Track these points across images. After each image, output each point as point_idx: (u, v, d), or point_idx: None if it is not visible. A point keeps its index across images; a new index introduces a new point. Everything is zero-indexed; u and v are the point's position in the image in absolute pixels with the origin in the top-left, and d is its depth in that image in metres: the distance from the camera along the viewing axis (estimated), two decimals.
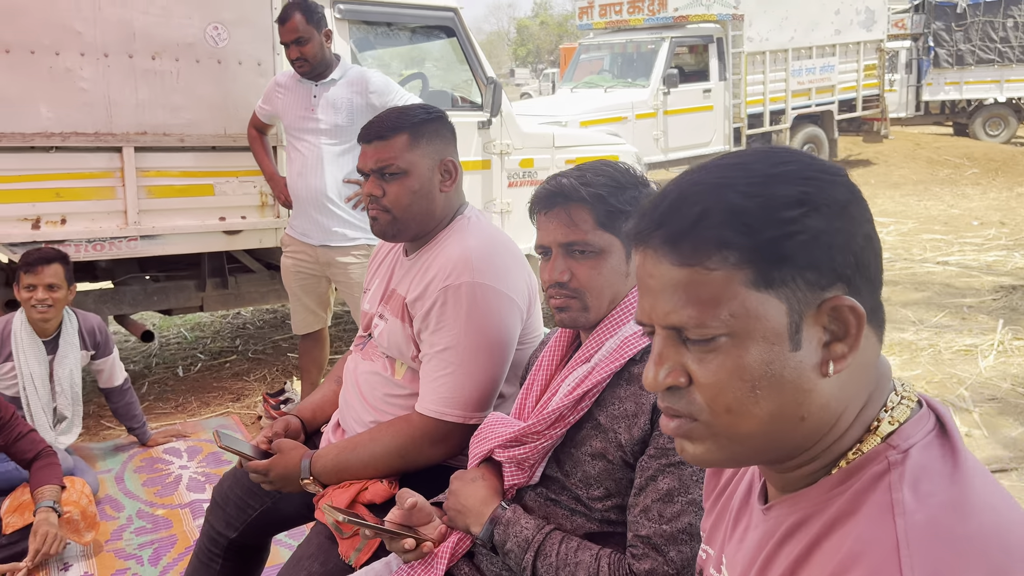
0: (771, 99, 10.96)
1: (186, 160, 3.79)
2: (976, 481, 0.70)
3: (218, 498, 2.06)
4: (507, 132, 4.77)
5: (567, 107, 9.57)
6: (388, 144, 1.72)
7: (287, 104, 3.43)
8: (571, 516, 1.36)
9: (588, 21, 11.13)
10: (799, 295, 0.72)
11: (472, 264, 1.67)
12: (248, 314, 5.79)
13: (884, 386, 0.78)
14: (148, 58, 3.60)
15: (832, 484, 0.75)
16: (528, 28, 63.99)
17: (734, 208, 0.72)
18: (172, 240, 3.83)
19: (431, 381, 1.68)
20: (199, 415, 4.07)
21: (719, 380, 0.73)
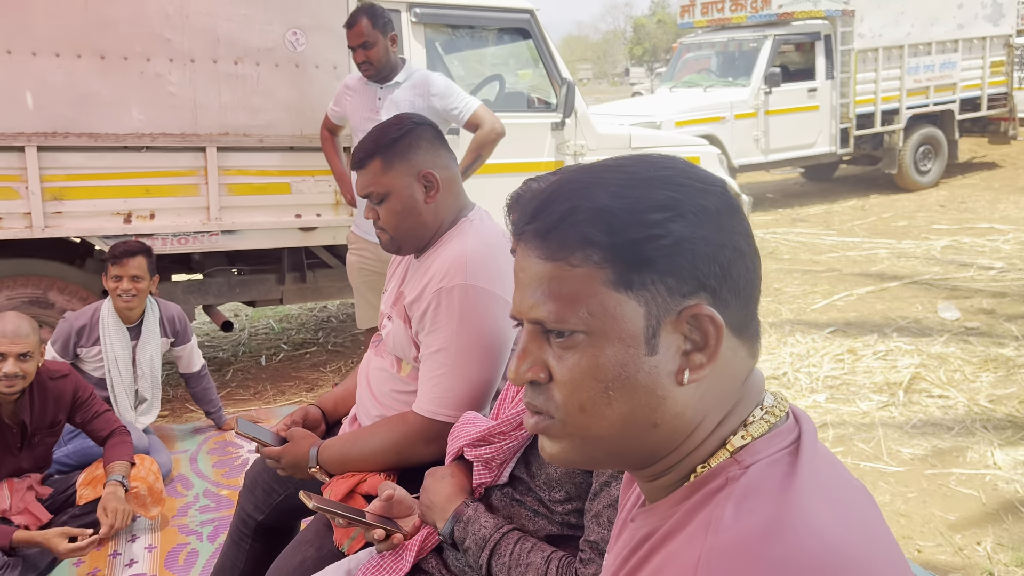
0: (883, 98, 10.44)
1: (265, 159, 3.98)
2: (810, 502, 0.68)
3: (248, 482, 2.18)
4: (581, 133, 4.77)
5: (663, 107, 9.44)
6: (366, 172, 1.79)
7: (354, 106, 3.56)
8: (534, 517, 1.38)
9: (690, 20, 10.93)
10: (658, 300, 0.71)
11: (466, 266, 1.70)
12: (333, 308, 6.01)
13: (750, 400, 0.77)
14: (231, 63, 3.81)
15: (678, 498, 0.74)
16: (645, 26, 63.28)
17: (601, 207, 0.72)
18: (251, 235, 4.03)
19: (426, 381, 1.73)
20: (274, 403, 4.27)
21: (574, 378, 0.73)
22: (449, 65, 4.78)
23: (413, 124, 1.82)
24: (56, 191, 3.61)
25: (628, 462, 0.77)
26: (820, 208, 10.14)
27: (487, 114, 3.54)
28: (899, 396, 4.09)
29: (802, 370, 4.49)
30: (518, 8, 4.55)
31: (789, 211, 10.07)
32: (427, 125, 1.85)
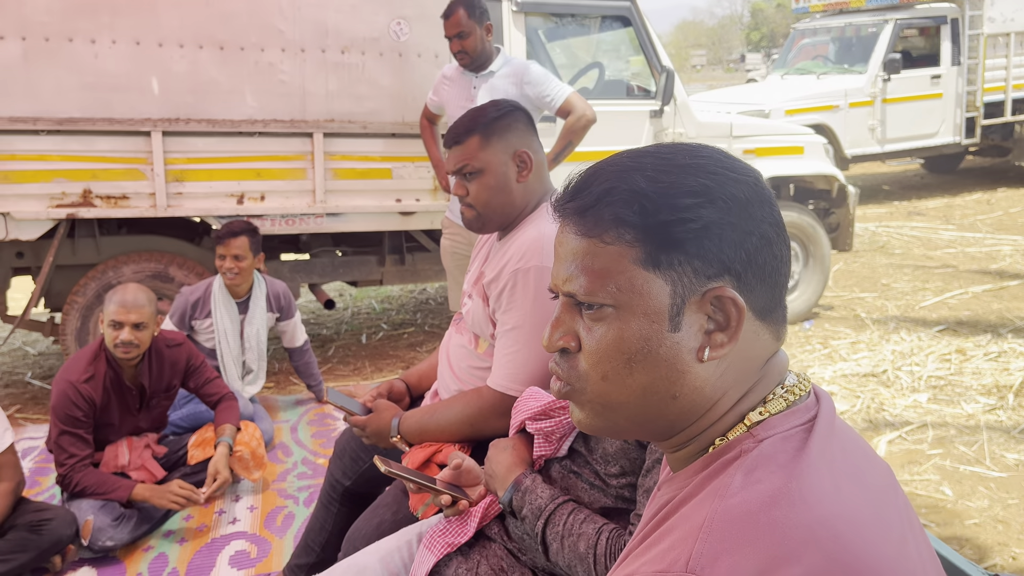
0: (1015, 86, 9.82)
1: (368, 145, 4.14)
2: (814, 475, 0.70)
3: (338, 449, 2.31)
4: (680, 121, 4.73)
5: (774, 95, 9.18)
6: (463, 147, 1.87)
7: (451, 95, 3.66)
8: (589, 490, 1.43)
9: (805, 4, 10.56)
10: (684, 280, 0.76)
11: (544, 249, 1.76)
12: (432, 290, 6.18)
13: (771, 380, 0.80)
14: (338, 52, 3.98)
15: (696, 469, 0.78)
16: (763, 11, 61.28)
17: (636, 190, 0.77)
18: (353, 218, 4.21)
19: (500, 358, 1.80)
20: (371, 379, 4.46)
21: (600, 348, 0.78)
22: (551, 53, 4.83)
23: (510, 107, 1.91)
24: (177, 173, 3.87)
25: (649, 431, 0.81)
26: (940, 201, 9.65)
27: (579, 101, 3.57)
28: (1009, 400, 3.89)
29: (903, 368, 4.33)
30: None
31: (906, 204, 9.62)
32: (522, 110, 1.93)
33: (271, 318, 3.83)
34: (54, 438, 2.82)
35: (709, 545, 0.66)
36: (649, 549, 0.73)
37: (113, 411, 2.99)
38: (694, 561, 0.66)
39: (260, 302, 3.75)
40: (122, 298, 2.88)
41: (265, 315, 3.77)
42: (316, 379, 4.04)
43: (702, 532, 0.67)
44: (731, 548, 0.65)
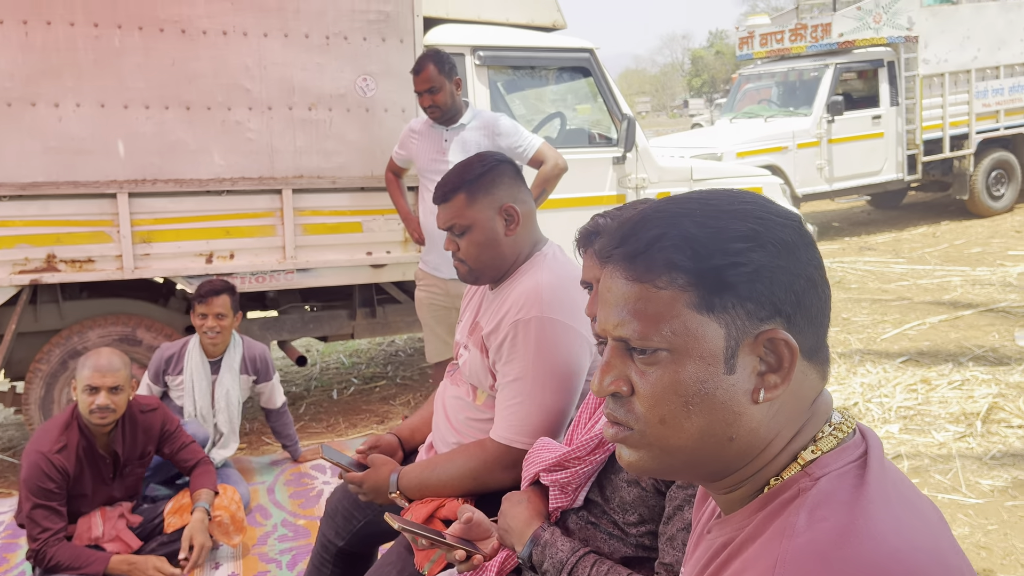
0: (952, 123, 10.24)
1: (337, 200, 4.14)
2: (876, 511, 0.72)
3: (329, 509, 2.27)
4: (643, 166, 4.83)
5: (724, 138, 9.43)
6: (449, 205, 1.90)
7: (421, 148, 3.69)
8: (609, 540, 1.42)
9: (749, 51, 10.93)
10: (738, 323, 0.78)
11: (542, 298, 1.78)
12: (401, 342, 6.15)
13: (819, 419, 0.81)
14: (305, 109, 4.00)
15: (753, 509, 0.79)
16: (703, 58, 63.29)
17: (687, 235, 0.79)
18: (324, 273, 4.19)
19: (503, 409, 1.79)
20: (346, 435, 4.39)
21: (656, 392, 0.79)
22: (511, 104, 4.92)
23: (496, 161, 1.93)
24: (145, 234, 3.82)
25: (703, 473, 0.82)
26: (888, 236, 9.95)
27: (550, 151, 3.64)
28: (977, 426, 3.99)
29: (874, 400, 4.42)
30: (578, 48, 4.67)
31: (856, 239, 9.90)
32: (508, 163, 1.96)
33: (247, 380, 3.76)
34: (26, 512, 2.72)
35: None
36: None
37: (86, 481, 2.89)
38: None
39: (234, 363, 3.69)
40: (96, 362, 2.81)
41: (239, 377, 3.70)
42: (292, 439, 3.97)
43: (776, 572, 0.68)
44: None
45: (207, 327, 3.53)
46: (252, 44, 3.87)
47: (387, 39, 4.08)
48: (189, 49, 3.77)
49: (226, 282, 3.64)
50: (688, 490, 1.30)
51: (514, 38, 4.57)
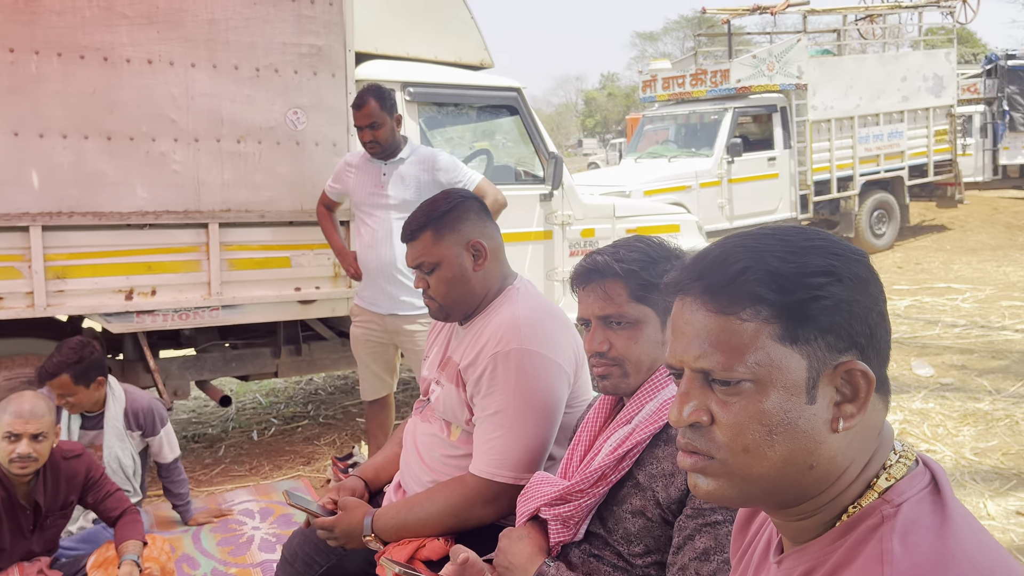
0: (838, 166, 10.92)
1: (265, 234, 4.04)
2: (962, 534, 0.76)
3: (287, 555, 2.18)
4: (568, 203, 4.93)
5: (631, 177, 9.73)
6: (417, 244, 1.91)
7: (358, 182, 3.65)
8: (613, 572, 1.43)
9: (652, 94, 11.36)
10: (819, 354, 0.81)
11: (520, 331, 1.79)
12: (320, 380, 6.00)
13: (886, 448, 0.86)
14: (234, 141, 3.90)
15: (835, 536, 0.82)
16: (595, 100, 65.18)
17: (771, 269, 0.82)
18: (251, 309, 4.06)
19: (483, 444, 1.78)
20: (271, 478, 4.23)
21: (740, 422, 0.81)
22: (438, 140, 4.93)
23: (461, 198, 1.94)
24: (59, 270, 3.61)
25: (779, 501, 0.85)
26: None
27: (489, 186, 3.67)
28: None
29: None
30: (506, 86, 4.74)
31: None
32: (473, 199, 1.97)
33: (133, 435, 3.42)
34: None
35: None
36: None
37: (4, 534, 2.68)
38: None
39: (116, 421, 3.36)
40: (18, 407, 2.62)
41: (123, 433, 3.37)
42: (183, 498, 3.62)
43: None
44: None
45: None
46: (179, 74, 3.76)
47: (318, 73, 4.04)
48: (111, 77, 3.62)
49: (64, 358, 3.17)
50: (698, 520, 1.33)
51: (444, 75, 4.61)
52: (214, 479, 4.24)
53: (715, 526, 1.31)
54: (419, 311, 3.60)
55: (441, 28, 4.74)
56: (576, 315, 1.57)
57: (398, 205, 3.60)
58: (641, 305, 1.48)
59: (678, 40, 51.53)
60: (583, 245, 4.99)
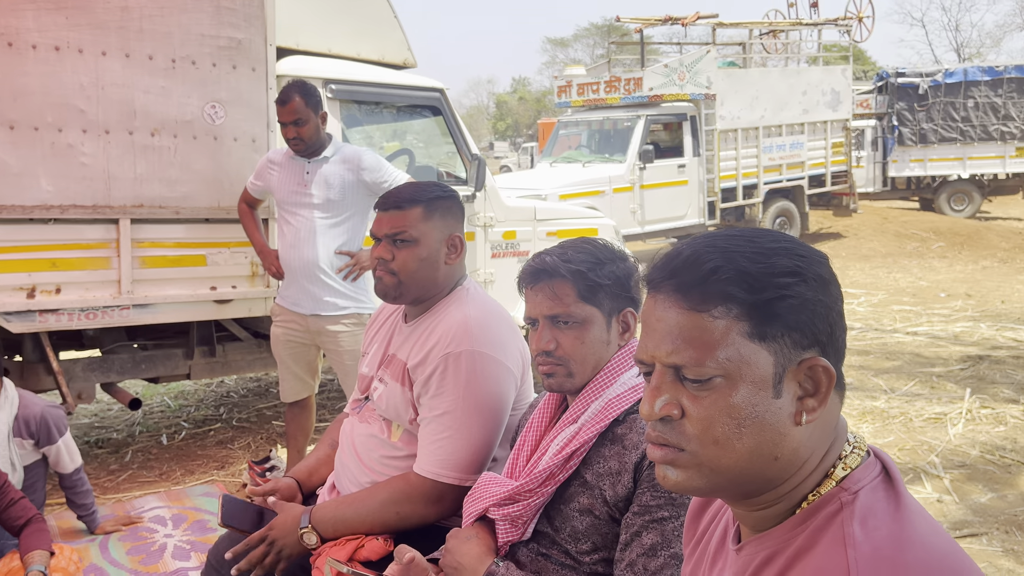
0: (744, 174, 11.34)
1: (180, 231, 3.90)
2: (915, 519, 0.82)
3: (213, 561, 2.11)
4: (491, 205, 4.95)
5: (547, 181, 9.84)
6: (403, 214, 1.88)
7: (280, 180, 3.58)
8: (561, 570, 1.45)
9: (566, 99, 11.53)
10: (785, 351, 0.85)
11: (472, 333, 1.79)
12: (232, 382, 5.83)
13: (841, 439, 0.91)
14: (148, 134, 3.75)
15: (795, 523, 0.86)
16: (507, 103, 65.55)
17: (741, 269, 0.85)
18: (164, 309, 3.91)
19: (429, 444, 1.78)
20: (183, 483, 4.09)
21: (710, 415, 0.85)
22: (358, 140, 4.87)
23: (453, 193, 1.97)
24: None
25: (744, 491, 0.88)
26: None
27: None
28: None
29: None
30: (429, 87, 4.72)
31: None
32: (459, 201, 1.98)
33: (23, 443, 3.17)
34: None
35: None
36: None
37: None
38: None
39: (1, 426, 3.08)
40: None
41: (10, 442, 3.11)
42: (87, 509, 3.41)
43: None
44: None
45: None
46: (88, 62, 3.59)
47: (238, 66, 3.93)
48: (15, 64, 3.43)
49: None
50: (645, 516, 1.36)
51: (367, 73, 4.56)
52: (121, 486, 4.07)
53: (662, 522, 1.35)
54: (342, 311, 3.55)
55: (364, 26, 4.68)
56: (523, 314, 1.59)
57: (322, 204, 3.54)
58: (588, 305, 1.51)
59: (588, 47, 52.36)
60: (504, 247, 5.02)
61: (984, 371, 5.98)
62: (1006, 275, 10.57)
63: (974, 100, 15.43)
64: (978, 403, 5.18)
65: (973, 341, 6.98)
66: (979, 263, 11.87)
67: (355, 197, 3.55)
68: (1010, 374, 5.88)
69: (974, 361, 6.27)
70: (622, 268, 1.56)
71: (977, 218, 15.73)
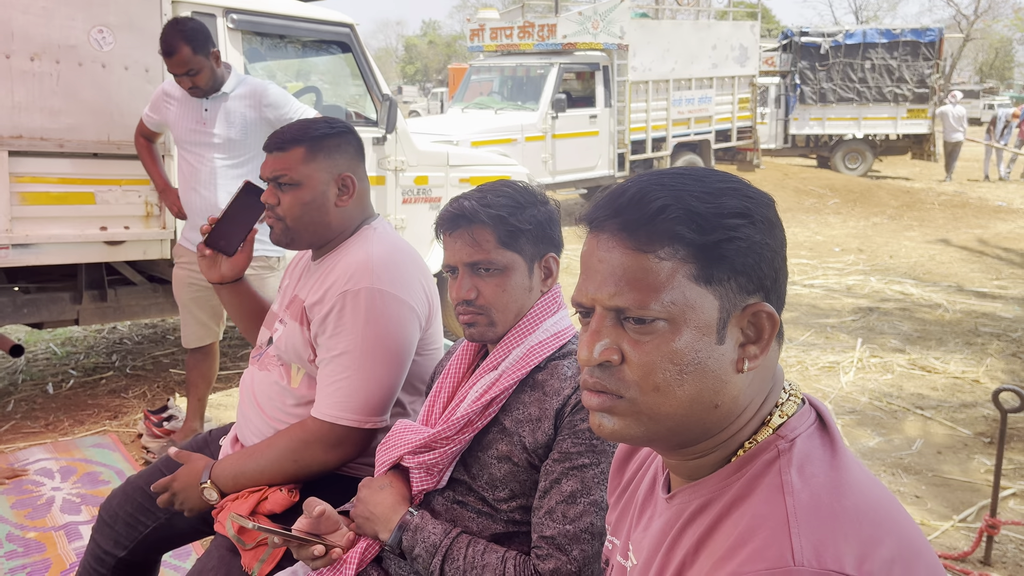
0: (653, 127, 11.43)
1: (65, 166, 3.62)
2: (850, 466, 0.81)
3: (106, 516, 2.00)
4: (402, 149, 4.80)
5: (458, 127, 9.67)
6: (285, 156, 1.77)
7: (178, 116, 3.35)
8: (477, 518, 1.42)
9: (479, 43, 11.30)
10: (730, 295, 0.81)
11: (373, 270, 1.71)
12: (125, 329, 5.54)
13: (778, 387, 0.88)
14: (26, 59, 3.44)
15: (730, 471, 0.84)
16: (416, 47, 64.06)
17: (690, 209, 0.81)
18: (48, 250, 3.65)
19: (327, 386, 1.69)
20: (72, 434, 3.88)
21: (652, 360, 0.80)
22: (261, 75, 4.62)
23: (345, 129, 1.84)
24: None
25: (681, 439, 0.85)
26: None
27: None
28: None
29: None
30: (338, 22, 4.50)
31: (574, 228, 10.69)
32: (354, 134, 1.87)
33: None
34: None
35: (805, 538, 0.72)
36: (735, 551, 0.76)
37: None
38: (799, 554, 0.71)
39: None
40: None
41: None
42: None
43: (792, 527, 0.73)
44: (826, 538, 0.72)
45: None
46: None
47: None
48: None
49: None
50: (565, 464, 1.34)
51: (271, 3, 4.30)
52: (3, 437, 3.83)
53: (581, 469, 1.33)
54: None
55: None
56: (441, 261, 1.52)
57: (222, 144, 3.34)
58: (509, 251, 1.45)
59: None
60: (416, 192, 4.90)
61: (873, 322, 6.28)
62: (894, 231, 11.09)
63: (871, 62, 15.97)
64: (868, 352, 5.44)
65: (864, 294, 7.31)
66: (870, 219, 12.41)
67: (257, 136, 3.35)
68: (897, 325, 6.19)
69: (864, 313, 6.57)
70: (543, 212, 1.50)
71: (869, 177, 16.42)
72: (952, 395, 4.69)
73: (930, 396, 4.67)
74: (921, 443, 4.01)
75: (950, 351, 5.51)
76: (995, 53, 50.50)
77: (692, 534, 0.83)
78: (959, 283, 7.71)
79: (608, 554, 1.04)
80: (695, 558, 0.81)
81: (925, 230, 11.15)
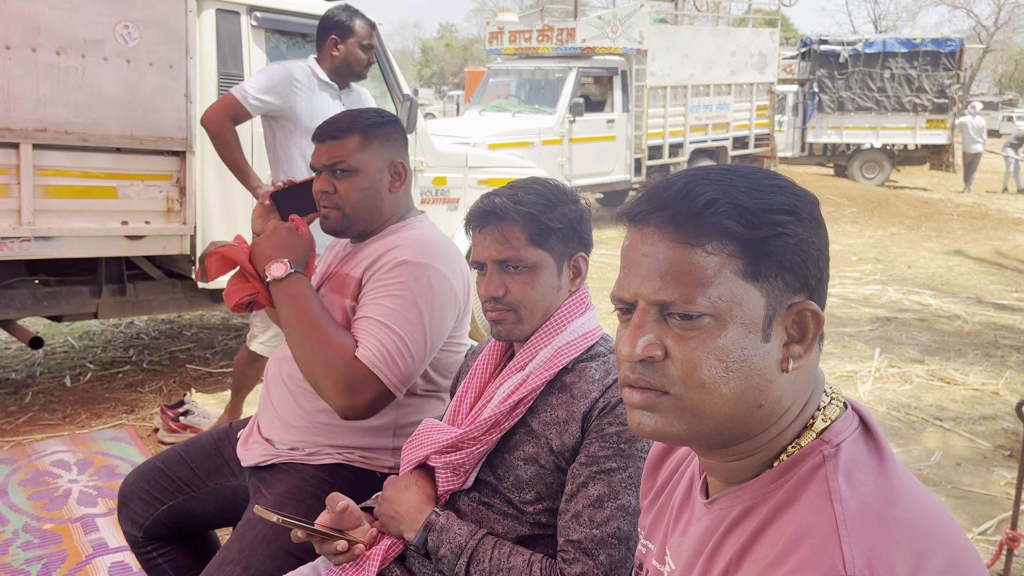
0: (671, 132, 11.39)
1: (88, 160, 3.64)
2: (899, 473, 0.79)
3: (123, 496, 2.00)
4: (421, 149, 4.80)
5: (475, 129, 9.67)
6: (341, 143, 1.79)
7: (310, 104, 3.32)
8: (503, 519, 1.40)
9: (498, 46, 11.30)
10: (776, 293, 0.80)
11: (430, 250, 1.75)
12: (142, 324, 5.57)
13: (819, 390, 0.87)
14: (52, 53, 3.46)
15: (774, 476, 0.82)
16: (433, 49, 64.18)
17: (738, 204, 0.79)
18: (69, 243, 3.67)
19: (375, 334, 1.65)
20: (89, 427, 3.89)
21: (697, 357, 0.79)
22: None
23: (392, 118, 1.88)
24: None
25: (725, 439, 0.83)
26: (616, 232, 10.84)
27: None
28: None
29: None
30: None
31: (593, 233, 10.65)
32: (400, 124, 1.91)
33: None
34: None
35: (856, 546, 0.71)
36: (783, 558, 0.74)
37: None
38: (850, 563, 0.70)
39: None
40: None
41: None
42: None
43: (842, 535, 0.72)
44: (878, 547, 0.71)
45: None
46: None
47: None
48: None
49: None
50: (592, 467, 1.32)
51: (294, 2, 4.32)
52: (20, 428, 3.84)
53: (609, 473, 1.31)
54: None
55: None
56: (470, 258, 1.51)
57: None
58: (538, 249, 1.44)
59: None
60: (434, 193, 4.90)
61: (891, 332, 6.23)
62: (912, 242, 11.01)
63: (890, 71, 15.87)
64: (886, 362, 5.39)
65: (881, 303, 7.25)
66: (888, 229, 12.32)
67: None
68: (915, 335, 6.14)
69: (882, 323, 6.52)
70: (574, 211, 1.49)
71: (886, 186, 16.31)
72: (972, 407, 4.65)
73: (949, 408, 4.62)
74: (940, 455, 3.97)
75: (969, 363, 5.46)
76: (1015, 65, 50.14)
77: (735, 540, 0.81)
78: (978, 295, 7.64)
79: (642, 558, 1.02)
80: (739, 564, 0.79)
81: (943, 241, 11.06)
